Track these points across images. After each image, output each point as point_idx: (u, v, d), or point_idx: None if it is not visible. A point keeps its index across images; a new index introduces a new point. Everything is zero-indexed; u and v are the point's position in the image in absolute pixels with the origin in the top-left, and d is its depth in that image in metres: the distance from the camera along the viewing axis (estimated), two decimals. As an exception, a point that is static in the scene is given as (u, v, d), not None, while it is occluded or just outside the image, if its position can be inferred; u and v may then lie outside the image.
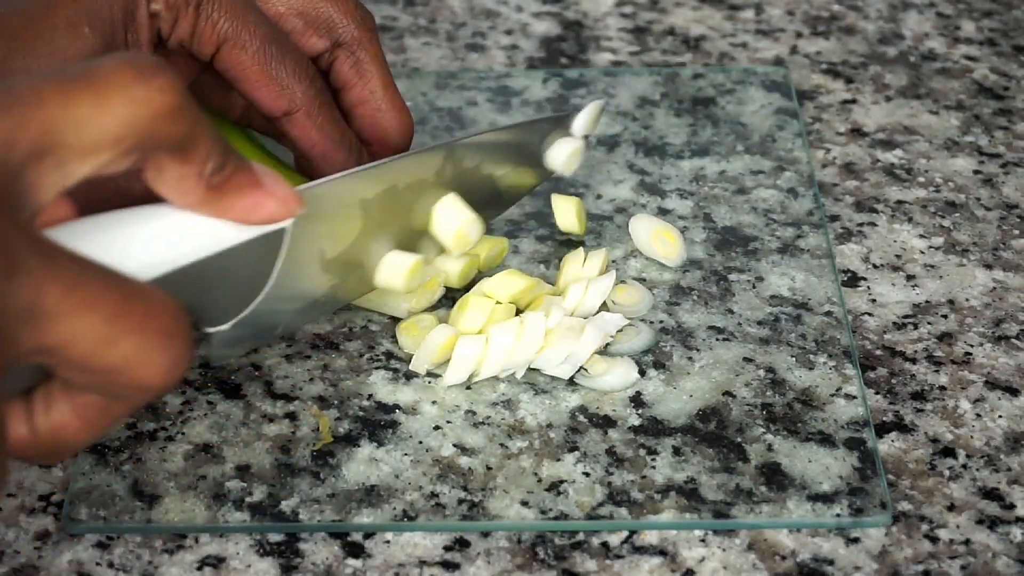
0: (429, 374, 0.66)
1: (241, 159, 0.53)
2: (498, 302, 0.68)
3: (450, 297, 0.69)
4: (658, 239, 0.72)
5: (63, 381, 0.50)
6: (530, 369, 0.66)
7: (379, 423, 0.64)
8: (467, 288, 0.70)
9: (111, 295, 0.47)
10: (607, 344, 0.67)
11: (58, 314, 0.46)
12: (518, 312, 0.68)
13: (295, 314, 0.64)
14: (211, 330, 0.58)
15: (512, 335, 0.65)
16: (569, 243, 0.73)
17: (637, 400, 0.65)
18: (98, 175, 0.49)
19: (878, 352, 0.68)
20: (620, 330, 0.68)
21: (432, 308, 0.69)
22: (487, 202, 0.70)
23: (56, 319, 0.46)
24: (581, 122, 0.71)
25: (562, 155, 0.71)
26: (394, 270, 0.65)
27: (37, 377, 0.50)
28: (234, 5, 0.65)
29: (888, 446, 0.63)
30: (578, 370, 0.65)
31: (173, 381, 0.49)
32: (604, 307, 0.69)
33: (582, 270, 0.70)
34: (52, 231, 0.50)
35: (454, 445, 0.63)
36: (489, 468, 0.62)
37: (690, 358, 0.67)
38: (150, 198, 0.53)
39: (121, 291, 0.48)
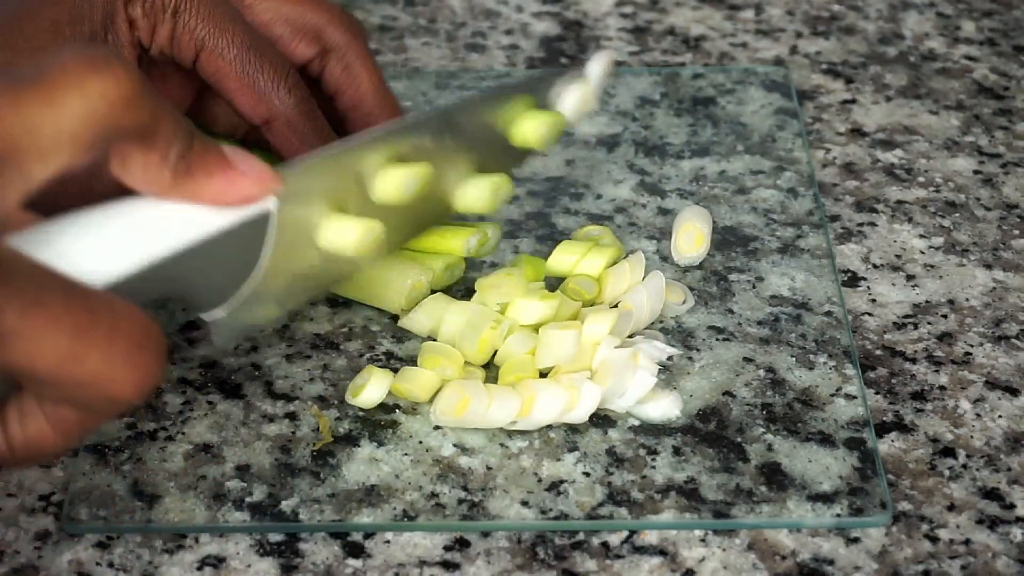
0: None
1: (208, 140, 0.52)
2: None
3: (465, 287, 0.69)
4: (686, 235, 0.72)
5: (35, 394, 0.49)
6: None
7: (379, 423, 0.64)
8: (462, 291, 0.69)
9: (74, 311, 0.47)
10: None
11: (19, 333, 0.46)
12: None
13: (291, 293, 0.62)
14: (207, 317, 0.58)
15: (562, 403, 0.63)
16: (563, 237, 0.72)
17: (637, 400, 0.65)
18: (62, 174, 0.48)
19: (878, 352, 0.68)
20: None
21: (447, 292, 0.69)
22: (499, 156, 0.68)
23: (17, 338, 0.46)
24: (593, 68, 0.70)
25: (573, 99, 0.69)
26: (343, 232, 0.61)
27: (10, 388, 0.50)
28: (213, 12, 0.64)
29: (888, 446, 0.63)
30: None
31: (146, 393, 0.49)
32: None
33: (629, 279, 0.69)
34: (20, 237, 0.49)
35: (454, 445, 0.63)
36: (489, 468, 0.62)
37: (690, 358, 0.67)
38: (119, 191, 0.52)
39: (85, 306, 0.47)
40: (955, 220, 0.76)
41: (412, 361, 0.67)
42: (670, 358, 0.66)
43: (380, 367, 0.66)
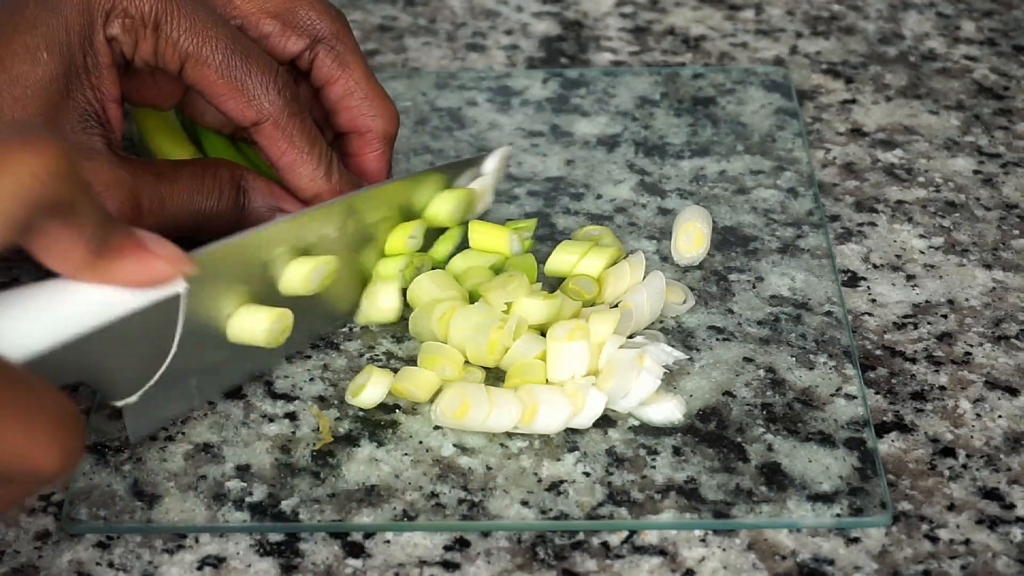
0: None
1: (122, 224, 0.54)
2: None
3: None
4: (686, 235, 0.72)
5: None
6: None
7: (379, 423, 0.64)
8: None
9: None
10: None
11: None
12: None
13: (203, 383, 0.63)
14: (119, 404, 0.59)
15: (565, 414, 0.63)
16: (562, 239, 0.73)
17: (637, 400, 0.65)
18: None
19: (878, 352, 0.68)
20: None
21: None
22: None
23: None
24: (491, 164, 0.72)
25: (445, 206, 0.70)
26: (253, 320, 0.63)
27: None
28: (194, 22, 0.64)
29: (888, 446, 0.63)
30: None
31: (69, 467, 0.49)
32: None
33: (629, 279, 0.69)
34: None
35: (454, 445, 0.63)
36: (489, 468, 0.62)
37: (690, 358, 0.67)
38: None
39: (4, 383, 0.48)
40: (955, 220, 0.76)
41: (412, 361, 0.67)
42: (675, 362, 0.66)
43: (380, 367, 0.66)
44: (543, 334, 0.66)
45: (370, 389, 0.64)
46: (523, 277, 0.67)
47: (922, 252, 0.74)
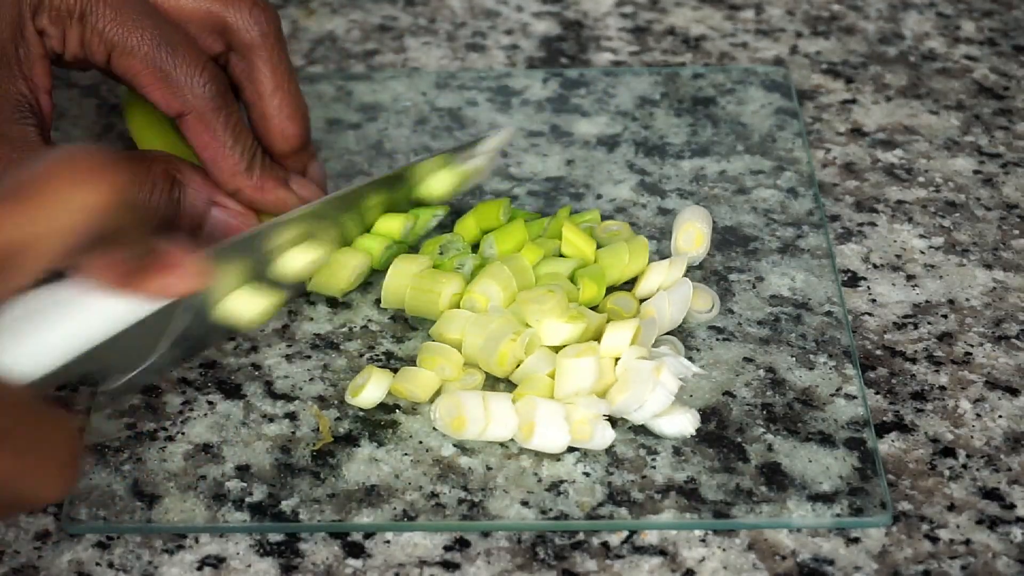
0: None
1: (159, 242, 0.54)
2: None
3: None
4: (686, 235, 0.71)
5: None
6: None
7: (379, 423, 0.64)
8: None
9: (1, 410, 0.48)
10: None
11: None
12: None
13: (175, 355, 0.65)
14: (105, 388, 0.61)
15: (562, 440, 0.62)
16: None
17: (637, 400, 0.65)
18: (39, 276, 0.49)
19: (878, 352, 0.68)
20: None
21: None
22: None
23: None
24: (491, 143, 0.72)
25: (442, 183, 0.71)
26: (248, 304, 0.65)
27: None
28: (120, 12, 0.65)
29: (888, 446, 0.63)
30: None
31: (64, 493, 0.50)
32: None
33: (667, 277, 0.69)
34: None
35: (454, 445, 0.63)
36: (489, 468, 0.62)
37: (690, 358, 0.67)
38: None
39: (6, 409, 0.48)
40: (955, 220, 0.76)
41: (412, 361, 0.67)
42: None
43: (380, 367, 0.66)
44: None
45: (370, 389, 0.64)
46: (562, 295, 0.65)
47: (922, 252, 0.74)
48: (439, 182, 0.71)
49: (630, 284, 0.70)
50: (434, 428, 0.63)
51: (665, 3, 0.93)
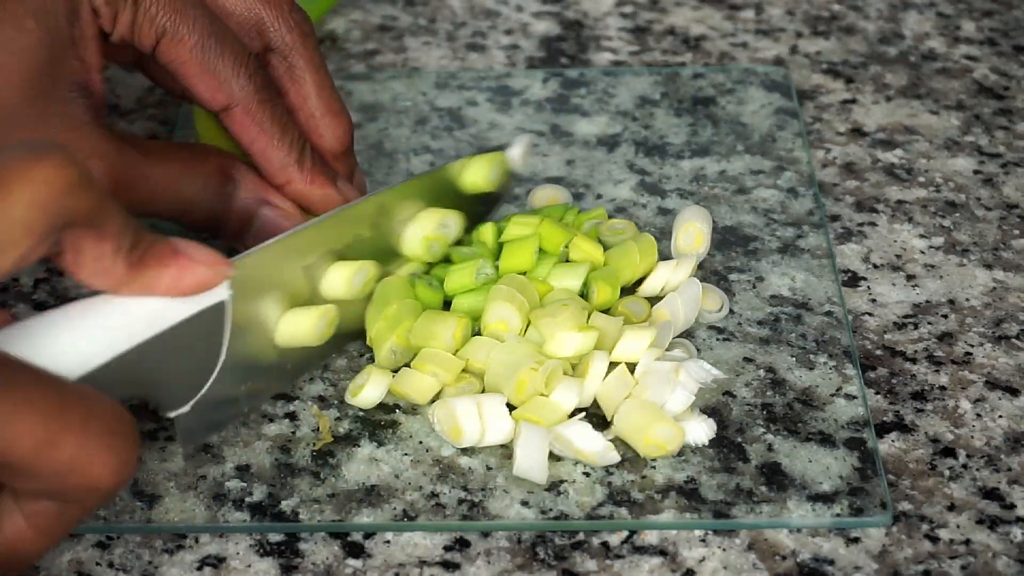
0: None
1: (156, 234, 0.54)
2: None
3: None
4: (686, 235, 0.71)
5: (12, 491, 0.50)
6: None
7: (379, 423, 0.64)
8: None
9: (46, 396, 0.48)
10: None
11: None
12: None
13: (253, 389, 0.63)
14: (172, 415, 0.59)
15: (539, 460, 0.62)
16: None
17: (637, 400, 0.65)
18: (21, 265, 0.49)
19: (878, 352, 0.68)
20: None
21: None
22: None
23: None
24: (516, 151, 0.72)
25: (481, 172, 0.71)
26: (299, 321, 0.63)
27: None
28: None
29: (888, 446, 0.63)
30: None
31: (124, 480, 0.50)
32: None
33: (674, 276, 0.68)
34: None
35: (454, 445, 0.63)
36: (489, 468, 0.62)
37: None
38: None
39: (57, 392, 0.48)
40: (955, 220, 0.76)
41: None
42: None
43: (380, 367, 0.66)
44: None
45: (369, 389, 0.64)
46: (576, 305, 0.65)
47: (922, 252, 0.74)
48: (478, 169, 0.70)
49: (635, 284, 0.70)
50: (435, 427, 0.63)
51: (665, 3, 0.93)
